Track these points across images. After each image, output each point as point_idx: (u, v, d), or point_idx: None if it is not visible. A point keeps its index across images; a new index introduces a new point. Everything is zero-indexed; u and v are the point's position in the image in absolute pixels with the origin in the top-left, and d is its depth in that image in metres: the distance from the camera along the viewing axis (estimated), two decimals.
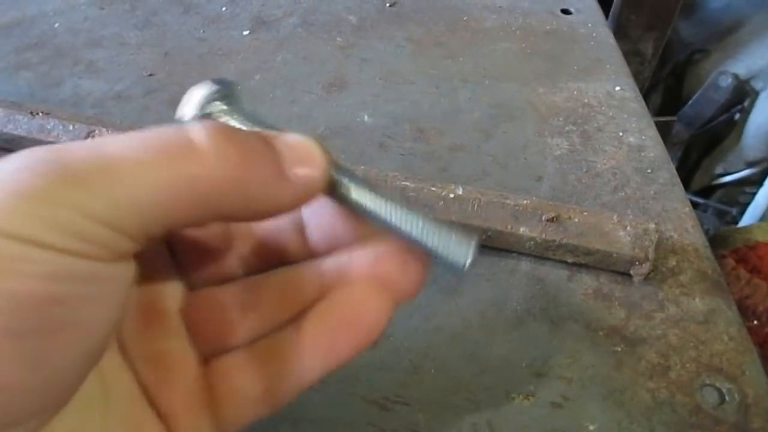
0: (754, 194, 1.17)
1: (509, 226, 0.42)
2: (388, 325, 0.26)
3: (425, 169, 0.51)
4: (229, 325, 0.26)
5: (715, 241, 0.78)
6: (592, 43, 0.64)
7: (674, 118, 1.18)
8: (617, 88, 0.58)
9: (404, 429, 0.36)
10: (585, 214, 0.43)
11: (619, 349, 0.40)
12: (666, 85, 1.32)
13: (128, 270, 0.20)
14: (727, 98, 1.17)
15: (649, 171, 0.50)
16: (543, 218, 0.42)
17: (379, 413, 0.37)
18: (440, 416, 0.37)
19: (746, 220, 1.16)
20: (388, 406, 0.37)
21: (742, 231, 0.79)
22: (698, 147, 1.27)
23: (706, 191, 1.28)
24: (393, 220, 0.25)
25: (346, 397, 0.38)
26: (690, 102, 1.21)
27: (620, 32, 0.91)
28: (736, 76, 1.17)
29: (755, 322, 0.65)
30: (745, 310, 0.67)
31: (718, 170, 1.26)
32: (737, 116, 1.20)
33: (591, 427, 0.36)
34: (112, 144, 0.19)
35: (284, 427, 0.36)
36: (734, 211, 1.23)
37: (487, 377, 0.39)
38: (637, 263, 0.41)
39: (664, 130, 0.51)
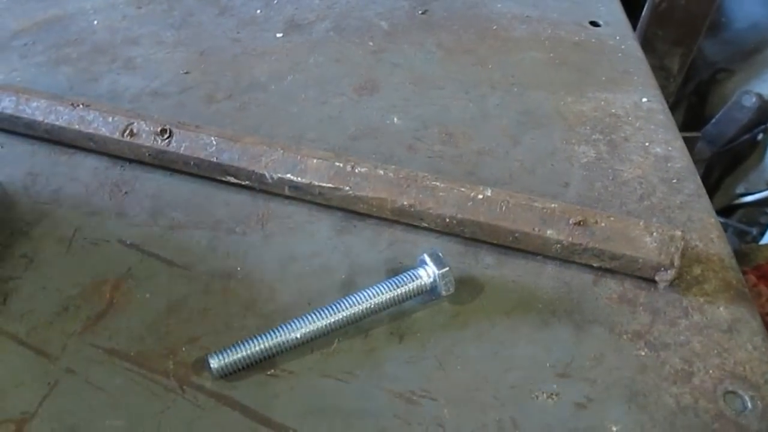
0: None
1: (537, 229, 0.43)
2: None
3: (453, 171, 0.51)
4: None
5: (737, 258, 0.77)
6: (620, 55, 0.64)
7: (698, 134, 1.17)
8: (644, 100, 0.58)
9: (430, 423, 0.37)
10: (612, 219, 0.43)
11: (643, 354, 0.40)
12: (689, 103, 1.31)
13: None
14: (750, 118, 1.17)
15: (675, 181, 0.51)
16: (570, 222, 0.43)
17: (406, 406, 0.37)
18: (465, 412, 0.37)
19: (767, 240, 1.15)
20: (414, 399, 0.38)
21: (763, 248, 0.79)
22: (720, 166, 1.27)
23: (727, 211, 1.27)
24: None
25: (373, 390, 0.38)
26: (713, 121, 1.21)
27: (646, 46, 0.91)
28: (760, 96, 1.16)
29: None
30: (766, 326, 0.66)
31: (739, 190, 1.25)
32: (760, 136, 1.19)
33: (614, 429, 0.37)
34: None
35: (312, 417, 0.37)
36: (754, 231, 1.22)
37: (512, 375, 0.39)
38: (662, 269, 0.42)
39: (686, 147, 0.52)
